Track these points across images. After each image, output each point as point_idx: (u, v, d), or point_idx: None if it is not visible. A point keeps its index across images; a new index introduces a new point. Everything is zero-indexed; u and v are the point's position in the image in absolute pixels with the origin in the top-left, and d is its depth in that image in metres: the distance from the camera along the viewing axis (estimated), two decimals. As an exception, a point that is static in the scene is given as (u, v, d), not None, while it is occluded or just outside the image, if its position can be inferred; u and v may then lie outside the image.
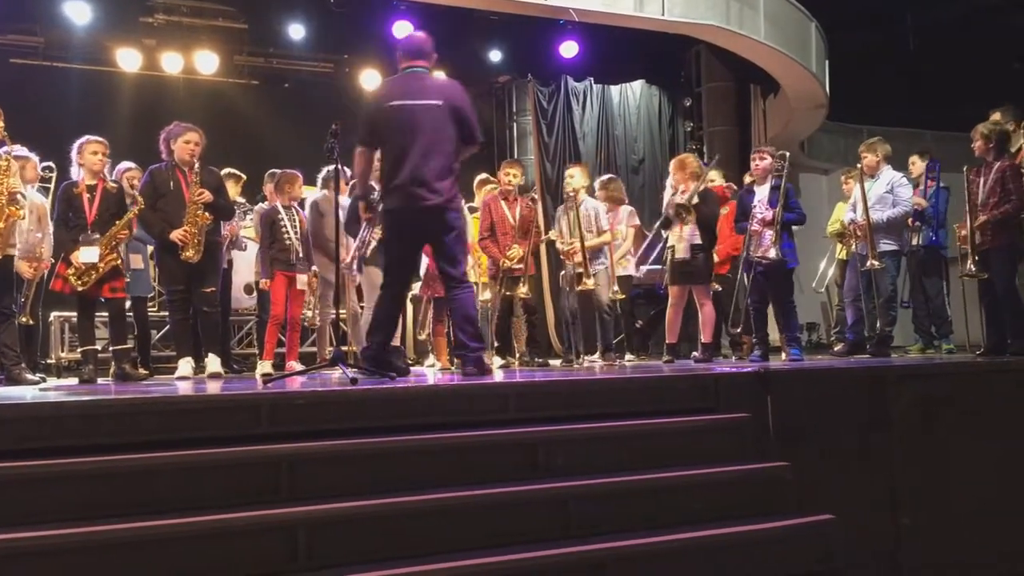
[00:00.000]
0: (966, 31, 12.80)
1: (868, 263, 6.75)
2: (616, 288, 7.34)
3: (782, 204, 6.37)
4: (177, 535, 3.02)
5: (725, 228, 7.40)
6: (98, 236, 5.76)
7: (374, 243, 6.16)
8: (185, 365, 5.93)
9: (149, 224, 6.05)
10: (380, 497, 3.33)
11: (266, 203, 7.45)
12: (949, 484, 4.94)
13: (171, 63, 10.01)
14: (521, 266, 7.06)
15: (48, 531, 2.89)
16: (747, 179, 8.01)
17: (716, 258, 7.26)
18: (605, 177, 7.98)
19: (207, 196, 5.94)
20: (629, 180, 11.19)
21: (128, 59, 9.90)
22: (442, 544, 3.28)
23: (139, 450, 3.28)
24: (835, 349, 7.51)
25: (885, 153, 7.10)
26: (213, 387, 4.73)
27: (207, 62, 10.06)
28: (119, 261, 5.90)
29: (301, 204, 6.95)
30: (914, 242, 7.68)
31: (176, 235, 5.86)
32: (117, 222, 5.89)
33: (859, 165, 7.15)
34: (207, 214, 5.94)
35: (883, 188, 7.02)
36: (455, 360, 6.43)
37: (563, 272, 7.42)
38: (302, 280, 6.61)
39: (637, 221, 8.15)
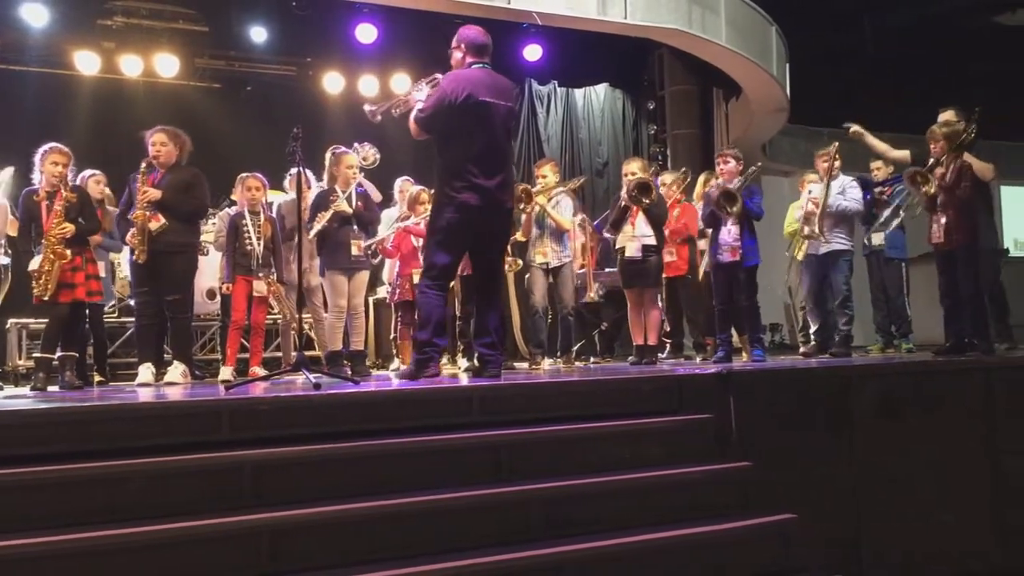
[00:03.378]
0: (923, 35, 12.99)
1: (820, 238, 6.98)
2: (598, 289, 7.35)
3: (740, 203, 6.44)
4: (138, 543, 3.00)
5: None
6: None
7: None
8: (145, 371, 5.86)
9: (124, 233, 6.11)
10: (343, 502, 3.32)
11: (234, 208, 7.39)
12: (909, 482, 5.00)
13: (130, 66, 9.88)
14: None
15: (10, 540, 2.86)
16: (700, 183, 8.07)
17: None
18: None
19: (151, 195, 5.90)
20: (593, 183, 11.25)
21: (86, 62, 9.76)
22: (405, 548, 3.27)
23: (100, 458, 3.24)
24: (801, 350, 7.59)
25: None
26: (174, 393, 4.69)
27: (167, 65, 9.95)
28: (66, 259, 5.70)
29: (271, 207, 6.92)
30: (874, 243, 7.80)
31: (127, 239, 5.97)
32: (58, 223, 5.72)
33: (834, 158, 7.26)
34: (151, 214, 5.90)
35: (836, 190, 7.23)
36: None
37: (527, 275, 7.42)
38: (259, 287, 6.54)
39: (589, 227, 8.19)
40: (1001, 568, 5.13)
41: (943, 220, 6.24)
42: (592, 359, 7.95)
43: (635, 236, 6.76)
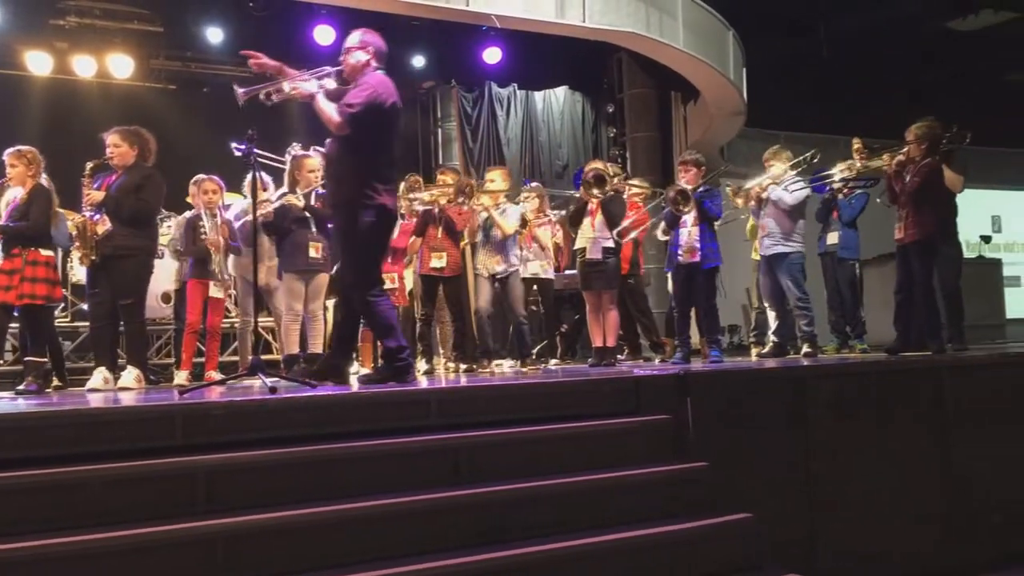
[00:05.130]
0: (877, 40, 13.18)
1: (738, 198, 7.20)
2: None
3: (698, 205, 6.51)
4: (90, 551, 2.95)
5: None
6: None
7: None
8: (97, 376, 5.76)
9: None
10: (299, 507, 3.29)
11: (191, 211, 7.31)
12: (864, 481, 5.07)
13: (83, 67, 9.76)
14: (442, 264, 7.00)
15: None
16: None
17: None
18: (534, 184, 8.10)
19: (93, 197, 5.86)
20: (554, 186, 11.28)
21: (38, 62, 9.63)
22: (362, 553, 3.25)
23: (52, 464, 3.19)
24: (764, 350, 7.63)
25: (788, 159, 7.35)
26: (127, 398, 4.62)
27: (121, 66, 9.84)
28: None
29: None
30: (829, 243, 7.90)
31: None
32: None
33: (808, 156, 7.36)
34: (100, 218, 5.87)
35: (782, 183, 7.27)
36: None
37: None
38: (216, 287, 6.48)
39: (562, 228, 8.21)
40: (953, 565, 5.21)
41: (903, 216, 6.36)
42: (552, 361, 7.96)
43: (594, 237, 6.79)
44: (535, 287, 7.82)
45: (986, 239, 12.66)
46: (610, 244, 6.79)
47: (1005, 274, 10.62)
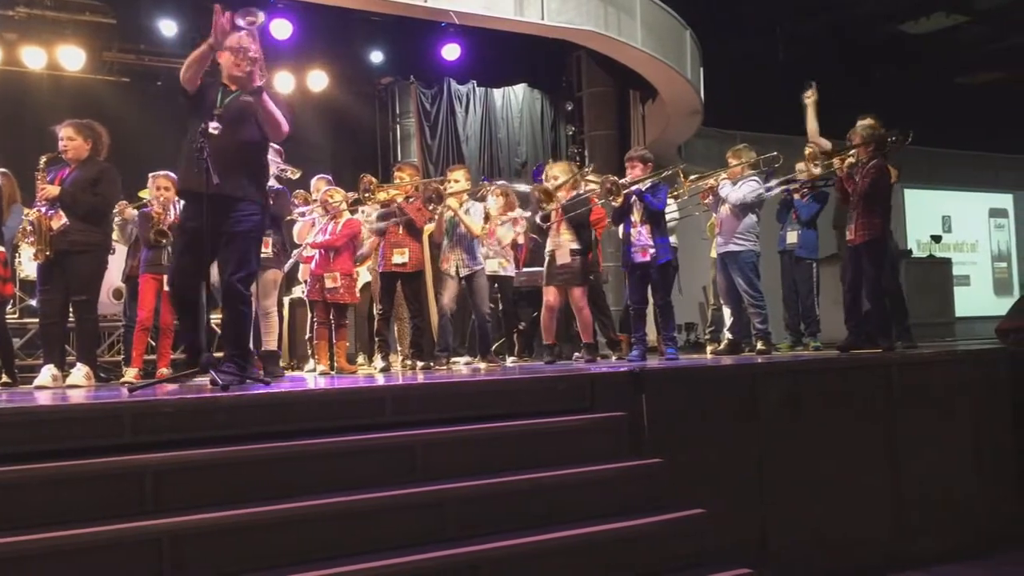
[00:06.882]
0: (832, 43, 13.36)
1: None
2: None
3: (641, 200, 6.54)
4: (33, 552, 2.90)
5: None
6: None
7: None
8: (45, 372, 5.65)
9: None
10: (250, 506, 3.25)
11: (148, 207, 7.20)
12: (815, 476, 5.14)
13: (33, 58, 9.56)
14: (404, 260, 6.96)
15: None
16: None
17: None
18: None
19: (48, 192, 5.75)
20: (512, 183, 11.27)
21: (-14, 54, 9.42)
22: (316, 552, 3.23)
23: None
24: (719, 348, 7.68)
25: (749, 159, 7.40)
26: (73, 396, 4.54)
27: (73, 58, 9.64)
28: None
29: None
30: (788, 242, 7.97)
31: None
32: None
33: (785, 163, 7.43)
34: (54, 213, 5.75)
35: (737, 184, 7.34)
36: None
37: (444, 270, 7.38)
38: None
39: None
40: (903, 558, 5.31)
41: (853, 217, 6.46)
42: (510, 358, 7.96)
43: (561, 242, 6.83)
44: (495, 285, 7.83)
45: (936, 239, 12.87)
46: (576, 246, 6.81)
47: (955, 273, 10.81)
